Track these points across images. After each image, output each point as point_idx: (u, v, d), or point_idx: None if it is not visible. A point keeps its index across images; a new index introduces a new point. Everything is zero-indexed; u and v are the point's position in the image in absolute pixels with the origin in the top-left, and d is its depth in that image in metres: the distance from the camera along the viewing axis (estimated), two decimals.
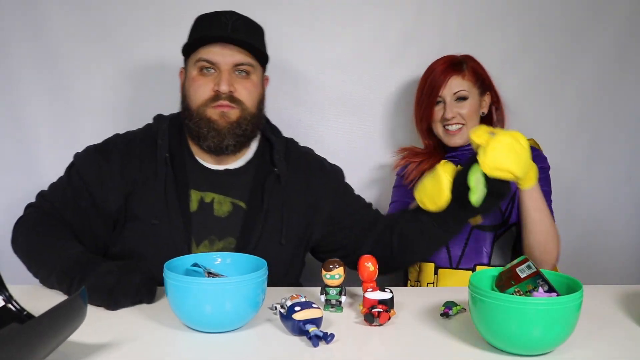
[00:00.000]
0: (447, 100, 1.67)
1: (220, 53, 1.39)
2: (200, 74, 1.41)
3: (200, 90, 1.41)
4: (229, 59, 1.39)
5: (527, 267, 1.08)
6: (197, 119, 1.42)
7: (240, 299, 1.07)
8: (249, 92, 1.43)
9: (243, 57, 1.41)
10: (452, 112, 1.67)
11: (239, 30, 1.40)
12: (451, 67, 1.68)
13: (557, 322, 0.97)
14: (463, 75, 1.68)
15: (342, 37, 1.95)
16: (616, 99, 2.03)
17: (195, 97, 1.42)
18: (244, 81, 1.43)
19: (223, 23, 1.39)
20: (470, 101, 1.68)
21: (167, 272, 1.08)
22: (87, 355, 0.99)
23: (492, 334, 1.01)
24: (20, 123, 1.91)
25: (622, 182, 2.08)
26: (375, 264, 1.20)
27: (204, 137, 1.42)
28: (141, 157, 1.44)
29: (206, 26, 1.42)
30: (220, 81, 1.39)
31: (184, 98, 1.46)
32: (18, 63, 1.88)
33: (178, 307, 1.09)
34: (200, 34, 1.42)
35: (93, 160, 1.44)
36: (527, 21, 1.98)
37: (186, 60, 1.47)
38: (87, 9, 1.88)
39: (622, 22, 1.99)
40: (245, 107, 1.43)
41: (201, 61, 1.40)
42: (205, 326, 1.09)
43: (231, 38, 1.39)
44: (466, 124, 1.67)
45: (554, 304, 0.96)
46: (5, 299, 1.05)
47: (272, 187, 1.47)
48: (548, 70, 2.01)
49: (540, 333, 0.97)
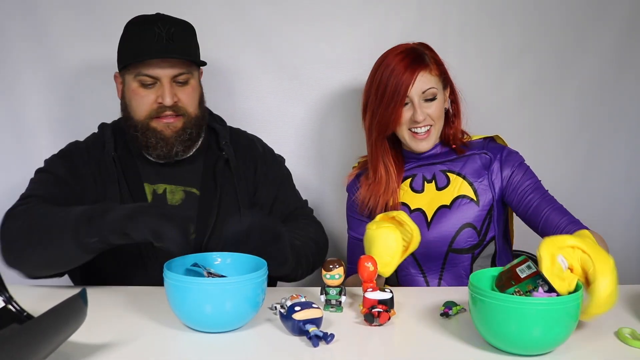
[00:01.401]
0: (415, 100, 1.47)
1: (160, 66, 1.39)
2: (140, 86, 1.42)
3: (142, 102, 1.42)
4: (168, 72, 1.41)
5: (527, 267, 1.07)
6: (144, 130, 1.44)
7: (240, 299, 1.07)
8: (191, 98, 1.46)
9: (181, 67, 1.42)
10: (423, 113, 1.47)
11: (174, 40, 1.40)
12: (415, 61, 1.47)
13: (557, 322, 0.97)
14: (430, 69, 1.48)
15: (342, 37, 1.95)
16: (616, 99, 2.03)
17: (138, 110, 1.44)
18: (185, 88, 1.44)
19: (157, 35, 1.39)
20: (438, 99, 1.49)
21: (167, 272, 1.08)
22: (87, 355, 0.99)
23: (492, 334, 1.01)
24: (20, 123, 1.91)
25: (622, 182, 2.08)
26: (375, 264, 1.20)
27: (153, 146, 1.44)
28: (96, 161, 1.47)
29: (141, 39, 1.41)
30: (163, 94, 1.40)
31: (125, 107, 1.48)
32: (18, 63, 1.88)
33: (178, 307, 1.09)
34: (136, 49, 1.41)
35: (60, 165, 1.46)
36: (527, 21, 1.97)
37: (122, 69, 1.47)
38: (86, 10, 1.88)
39: (621, 22, 1.99)
40: (189, 113, 1.45)
41: (141, 76, 1.41)
42: (205, 326, 1.09)
43: (170, 52, 1.40)
44: (434, 125, 1.50)
45: (554, 304, 0.96)
46: (5, 300, 1.05)
47: (222, 171, 1.51)
48: (548, 70, 2.01)
49: (540, 333, 0.97)
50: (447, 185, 1.53)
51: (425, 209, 1.53)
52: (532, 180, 1.51)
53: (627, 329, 1.09)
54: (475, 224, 1.50)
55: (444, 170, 1.54)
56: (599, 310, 1.04)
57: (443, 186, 1.53)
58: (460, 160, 1.55)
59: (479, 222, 1.50)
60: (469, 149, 1.56)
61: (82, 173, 1.45)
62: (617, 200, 2.09)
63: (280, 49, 1.94)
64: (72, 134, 1.88)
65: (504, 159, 1.53)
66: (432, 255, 1.51)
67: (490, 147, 1.56)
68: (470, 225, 1.50)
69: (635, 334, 1.08)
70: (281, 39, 1.94)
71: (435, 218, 1.51)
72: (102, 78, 1.91)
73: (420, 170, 1.57)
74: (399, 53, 1.49)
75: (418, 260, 1.52)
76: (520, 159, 1.55)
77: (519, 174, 1.52)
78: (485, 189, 1.52)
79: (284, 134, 1.94)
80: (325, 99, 1.98)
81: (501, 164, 1.52)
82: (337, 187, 2.01)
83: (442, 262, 1.51)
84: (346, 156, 2.00)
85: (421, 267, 1.53)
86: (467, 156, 1.55)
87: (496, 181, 1.52)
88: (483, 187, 1.52)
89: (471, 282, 1.04)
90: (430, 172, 1.56)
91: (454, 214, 1.50)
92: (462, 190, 1.51)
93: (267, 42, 1.93)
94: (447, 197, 1.52)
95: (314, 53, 1.95)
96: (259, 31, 1.93)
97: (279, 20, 1.93)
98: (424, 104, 1.48)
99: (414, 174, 1.57)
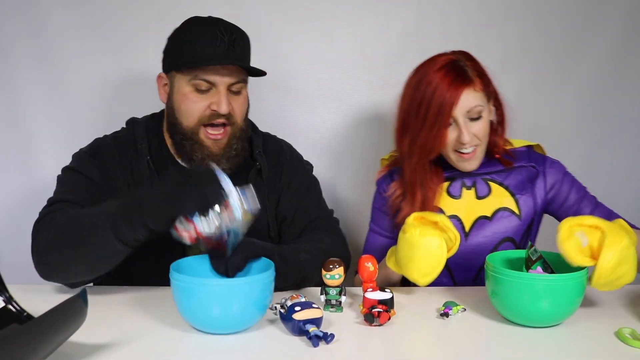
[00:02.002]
0: (460, 120, 1.37)
1: (219, 73, 1.35)
2: (195, 91, 1.36)
3: (194, 108, 1.37)
4: (227, 79, 1.36)
5: (534, 251, 1.19)
6: (190, 141, 1.39)
7: (248, 301, 1.06)
8: (242, 108, 1.42)
9: (239, 75, 1.38)
10: (469, 134, 1.38)
11: (235, 47, 1.36)
12: (458, 78, 1.36)
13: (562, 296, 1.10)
14: (474, 85, 1.37)
15: (342, 37, 1.95)
16: (614, 100, 2.03)
17: (189, 115, 1.38)
18: (238, 98, 1.40)
19: (220, 39, 1.35)
20: (484, 117, 1.39)
21: (174, 273, 1.07)
22: (87, 355, 0.99)
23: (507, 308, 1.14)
24: (20, 123, 1.91)
25: (622, 182, 2.08)
26: (375, 264, 1.20)
27: (198, 160, 1.39)
28: (128, 161, 1.42)
29: (202, 42, 1.35)
30: (219, 101, 1.35)
31: (172, 111, 1.41)
32: (18, 64, 1.88)
33: (184, 309, 1.08)
34: (196, 52, 1.35)
35: (89, 162, 1.40)
36: (527, 21, 1.98)
37: (172, 70, 1.40)
38: (86, 10, 1.88)
39: (619, 24, 1.99)
40: (237, 123, 1.41)
41: (198, 80, 1.35)
42: (212, 327, 1.08)
43: (232, 59, 1.36)
44: (480, 144, 1.41)
45: (558, 281, 1.09)
46: (5, 300, 1.05)
47: (255, 181, 1.46)
48: (548, 70, 2.01)
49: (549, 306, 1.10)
50: (488, 194, 1.46)
51: (462, 217, 1.45)
52: (578, 191, 1.47)
53: (627, 329, 1.09)
54: (515, 237, 1.45)
55: (486, 178, 1.48)
56: (600, 279, 1.08)
57: (484, 195, 1.46)
58: (505, 171, 1.48)
59: (519, 236, 1.45)
60: (515, 161, 1.49)
61: (114, 175, 1.40)
62: (617, 200, 2.08)
63: (280, 49, 1.94)
64: (72, 135, 1.89)
65: (547, 170, 1.48)
66: (466, 266, 1.45)
67: (534, 159, 1.49)
68: (510, 239, 1.45)
69: (635, 334, 1.08)
70: (281, 39, 1.94)
71: (474, 229, 1.45)
72: (102, 79, 1.92)
73: (460, 175, 1.49)
74: (440, 69, 1.37)
75: (451, 270, 1.47)
76: (563, 170, 1.49)
77: (564, 186, 1.47)
78: (528, 202, 1.46)
79: (284, 134, 1.94)
80: (324, 98, 1.98)
81: (545, 176, 1.47)
82: (336, 186, 2.02)
83: (475, 273, 1.46)
84: (346, 155, 2.01)
85: (453, 277, 1.48)
86: (511, 168, 1.48)
87: (539, 194, 1.47)
88: (526, 200, 1.45)
89: (489, 262, 1.16)
90: (471, 178, 1.48)
91: (495, 226, 1.44)
92: (504, 202, 1.44)
93: (267, 42, 1.92)
94: (487, 208, 1.44)
95: (314, 53, 1.95)
96: (259, 31, 1.93)
97: (279, 21, 1.93)
98: (469, 123, 1.38)
99: (452, 177, 1.49)
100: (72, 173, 1.39)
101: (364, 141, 2.01)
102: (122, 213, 1.17)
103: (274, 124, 1.94)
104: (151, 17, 1.89)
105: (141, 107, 1.69)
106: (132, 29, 1.90)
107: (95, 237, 1.18)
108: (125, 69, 1.92)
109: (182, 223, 1.11)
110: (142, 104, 1.86)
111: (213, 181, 1.11)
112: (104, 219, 1.18)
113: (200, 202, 1.10)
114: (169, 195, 1.13)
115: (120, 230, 1.16)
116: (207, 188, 1.11)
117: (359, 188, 2.00)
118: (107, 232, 1.17)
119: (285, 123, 1.95)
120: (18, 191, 1.92)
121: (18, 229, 1.78)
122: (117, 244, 1.18)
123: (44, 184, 1.51)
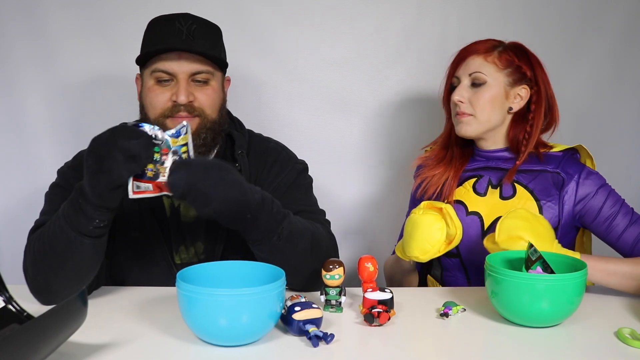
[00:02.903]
0: (463, 81, 1.45)
1: (177, 63, 1.33)
2: (157, 84, 1.36)
3: (157, 100, 1.36)
4: (186, 69, 1.34)
5: (534, 251, 1.19)
6: None
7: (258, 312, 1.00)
8: (210, 99, 1.38)
9: (200, 65, 1.35)
10: (462, 96, 1.43)
11: (195, 37, 1.35)
12: (478, 44, 1.46)
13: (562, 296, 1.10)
14: (487, 56, 1.44)
15: (342, 37, 1.96)
16: (613, 102, 2.03)
17: (152, 108, 1.36)
18: (204, 89, 1.37)
19: (177, 30, 1.34)
20: (488, 88, 1.42)
21: (180, 283, 1.02)
22: (88, 355, 0.99)
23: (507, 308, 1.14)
24: (20, 124, 1.91)
25: (622, 182, 2.08)
26: (375, 264, 1.20)
27: None
28: None
29: (160, 34, 1.36)
30: (178, 91, 1.34)
31: (141, 108, 1.41)
32: (17, 64, 1.88)
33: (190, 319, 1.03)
34: (154, 44, 1.36)
35: (72, 176, 1.38)
36: (525, 24, 1.98)
37: (142, 68, 1.41)
38: (86, 11, 1.88)
39: (617, 26, 2.00)
40: (205, 114, 1.37)
41: (157, 72, 1.34)
42: (219, 339, 1.03)
43: (187, 47, 1.33)
44: (475, 115, 1.44)
45: (558, 281, 1.09)
46: (5, 300, 1.05)
47: None
48: (547, 70, 2.01)
49: (548, 306, 1.10)
50: (512, 196, 1.44)
51: (483, 214, 1.45)
52: (613, 205, 1.40)
53: (627, 329, 1.09)
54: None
55: (512, 180, 1.46)
56: (494, 238, 1.24)
57: (508, 196, 1.45)
58: (531, 174, 1.46)
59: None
60: (541, 164, 1.46)
61: None
62: None
63: (280, 49, 1.94)
64: (72, 136, 1.90)
65: (581, 181, 1.42)
66: (481, 263, 1.41)
67: (566, 167, 1.45)
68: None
69: (635, 334, 1.08)
70: (281, 39, 1.94)
71: (493, 228, 1.41)
72: (102, 79, 1.92)
73: (487, 173, 1.49)
74: (478, 40, 1.48)
75: (465, 265, 1.47)
76: (601, 182, 1.43)
77: (597, 199, 1.41)
78: (552, 209, 1.42)
79: (284, 134, 1.94)
80: (324, 98, 1.98)
81: (578, 185, 1.42)
82: (335, 187, 2.02)
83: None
84: (345, 155, 2.01)
85: (467, 271, 1.48)
86: (537, 171, 1.46)
87: (567, 203, 1.42)
88: (549, 207, 1.42)
89: (488, 262, 1.17)
90: (498, 178, 1.48)
91: None
92: (527, 206, 1.42)
93: (267, 42, 1.93)
94: (509, 209, 1.39)
95: (314, 53, 1.95)
96: (259, 31, 1.93)
97: (279, 21, 1.93)
98: (470, 88, 1.44)
99: (480, 175, 1.50)
100: (56, 189, 1.39)
101: (364, 141, 2.01)
102: (73, 207, 1.17)
103: (274, 124, 1.95)
104: (151, 17, 1.88)
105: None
106: (132, 30, 1.88)
107: (62, 243, 1.18)
108: (125, 69, 1.91)
109: (139, 186, 1.14)
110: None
111: (125, 133, 1.10)
112: (62, 222, 1.18)
113: (125, 157, 1.09)
114: (96, 167, 1.12)
115: (79, 225, 1.16)
116: (123, 142, 1.09)
117: (358, 188, 2.00)
118: (69, 233, 1.17)
119: (285, 123, 1.95)
120: (18, 191, 1.92)
121: (18, 229, 1.78)
122: (83, 238, 1.17)
123: (43, 184, 1.50)
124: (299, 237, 1.26)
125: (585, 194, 1.42)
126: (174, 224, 1.42)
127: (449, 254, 1.47)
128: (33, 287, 1.23)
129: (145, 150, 1.11)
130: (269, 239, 1.22)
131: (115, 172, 1.10)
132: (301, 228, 1.28)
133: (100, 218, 1.17)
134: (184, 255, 1.42)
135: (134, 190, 1.15)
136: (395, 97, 1.99)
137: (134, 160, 1.10)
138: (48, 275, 1.21)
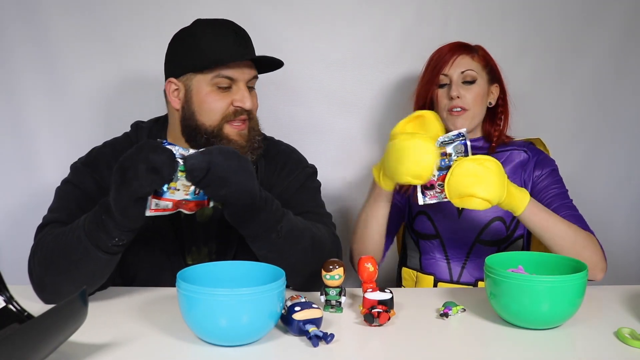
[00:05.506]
0: (454, 79, 1.54)
1: (240, 70, 1.37)
2: (216, 89, 1.36)
3: (217, 106, 1.36)
4: (247, 76, 1.39)
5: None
6: (217, 138, 1.37)
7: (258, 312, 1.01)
8: (257, 103, 1.45)
9: (254, 71, 1.41)
10: (458, 92, 1.52)
11: (248, 43, 1.40)
12: (461, 47, 1.57)
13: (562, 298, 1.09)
14: (473, 56, 1.57)
15: (342, 37, 1.96)
16: (614, 100, 2.04)
17: (212, 114, 1.36)
18: (253, 93, 1.44)
19: (235, 37, 1.37)
20: (478, 85, 1.55)
21: (180, 282, 1.02)
22: (88, 355, 0.99)
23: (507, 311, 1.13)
24: (21, 127, 1.91)
25: (622, 182, 2.08)
26: (375, 264, 1.20)
27: None
28: None
29: (222, 42, 1.35)
30: (242, 98, 1.37)
31: (191, 114, 1.38)
32: (19, 67, 1.88)
33: (190, 319, 1.03)
34: (218, 51, 1.35)
35: (86, 173, 1.38)
36: (526, 22, 1.98)
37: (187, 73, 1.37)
38: (87, 11, 1.88)
39: (618, 23, 2.00)
40: (254, 117, 1.43)
41: (220, 77, 1.35)
42: (219, 339, 1.03)
43: (252, 54, 1.38)
44: (470, 110, 1.54)
45: (560, 282, 1.08)
46: (5, 300, 1.05)
47: None
48: (547, 70, 2.01)
49: (549, 308, 1.08)
50: None
51: None
52: (558, 188, 1.52)
53: (626, 329, 1.09)
54: (505, 218, 1.54)
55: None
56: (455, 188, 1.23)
57: None
58: (501, 155, 1.58)
59: (509, 217, 1.54)
60: (509, 146, 1.61)
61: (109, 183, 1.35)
62: (617, 200, 2.09)
63: (280, 49, 1.94)
64: (73, 138, 1.90)
65: (538, 161, 1.57)
66: (459, 243, 1.55)
67: (529, 149, 1.60)
68: (500, 219, 1.54)
69: (635, 334, 1.08)
70: (281, 39, 1.94)
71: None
72: (103, 82, 1.92)
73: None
74: (453, 43, 1.58)
75: (445, 244, 1.55)
76: (553, 166, 1.57)
77: (548, 179, 1.54)
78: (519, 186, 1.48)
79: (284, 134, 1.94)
80: (324, 98, 1.98)
81: (535, 165, 1.56)
82: (335, 186, 2.02)
83: (467, 251, 1.55)
84: (345, 154, 2.01)
85: (446, 252, 1.57)
86: (507, 151, 1.59)
87: (527, 181, 1.55)
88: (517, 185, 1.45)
89: (487, 263, 1.16)
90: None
91: None
92: None
93: (267, 42, 1.92)
94: None
95: (314, 53, 1.95)
96: (259, 31, 1.93)
97: (279, 21, 1.93)
98: (462, 85, 1.54)
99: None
100: (67, 186, 1.39)
101: (364, 141, 2.01)
102: (95, 221, 1.17)
103: (274, 124, 1.94)
104: (152, 20, 1.89)
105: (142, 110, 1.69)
106: (133, 33, 1.90)
107: (78, 253, 1.19)
108: (125, 72, 1.92)
109: (157, 204, 1.14)
110: (143, 107, 1.87)
111: (150, 146, 1.11)
112: (81, 233, 1.18)
113: (148, 168, 1.09)
114: (120, 180, 1.12)
115: (98, 239, 1.17)
116: (147, 154, 1.10)
117: (358, 188, 2.00)
118: (87, 245, 1.18)
119: (285, 123, 1.95)
120: (19, 193, 1.92)
121: (19, 230, 1.79)
122: (100, 253, 1.18)
123: (44, 185, 1.51)
124: (299, 236, 1.27)
125: (540, 174, 1.55)
126: (187, 224, 1.42)
127: (428, 236, 1.56)
128: (38, 285, 1.24)
129: (168, 165, 1.11)
130: (268, 235, 1.23)
131: (136, 182, 1.10)
132: (301, 227, 1.29)
133: (120, 237, 1.17)
134: (195, 256, 1.43)
135: (151, 208, 1.15)
136: (395, 97, 1.99)
137: (156, 172, 1.10)
138: (57, 278, 1.21)
